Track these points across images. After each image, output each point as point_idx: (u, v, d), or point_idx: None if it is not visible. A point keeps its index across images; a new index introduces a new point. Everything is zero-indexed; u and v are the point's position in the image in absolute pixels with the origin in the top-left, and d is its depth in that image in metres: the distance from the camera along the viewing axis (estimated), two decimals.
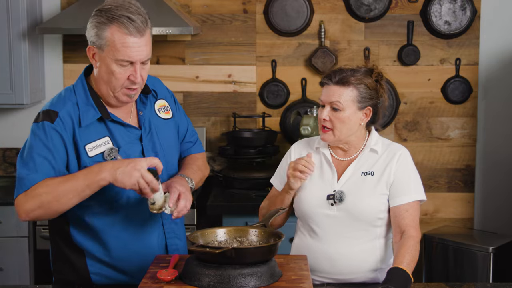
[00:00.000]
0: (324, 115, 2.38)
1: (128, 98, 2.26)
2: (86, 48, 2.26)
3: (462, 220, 4.33)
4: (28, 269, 3.81)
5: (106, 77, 2.22)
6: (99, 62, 2.23)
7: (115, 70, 2.19)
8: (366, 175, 2.41)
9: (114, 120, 2.28)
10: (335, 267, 2.40)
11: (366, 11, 4.19)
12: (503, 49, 4.23)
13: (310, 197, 2.43)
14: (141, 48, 2.18)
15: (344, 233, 2.40)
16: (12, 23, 3.95)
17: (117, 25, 2.16)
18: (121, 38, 2.16)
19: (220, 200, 3.82)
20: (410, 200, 2.39)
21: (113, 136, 2.28)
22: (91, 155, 2.24)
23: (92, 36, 2.22)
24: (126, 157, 2.26)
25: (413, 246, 2.29)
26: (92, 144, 2.25)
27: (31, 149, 2.21)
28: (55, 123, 2.21)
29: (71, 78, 4.29)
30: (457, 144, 4.29)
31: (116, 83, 2.21)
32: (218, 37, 4.26)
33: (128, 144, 2.30)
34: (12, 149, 4.29)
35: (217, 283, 1.94)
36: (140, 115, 2.36)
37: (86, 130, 2.25)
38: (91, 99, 2.26)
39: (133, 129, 2.33)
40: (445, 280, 4.03)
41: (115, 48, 2.16)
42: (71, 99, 2.26)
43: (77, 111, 2.25)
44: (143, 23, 2.18)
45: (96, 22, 2.20)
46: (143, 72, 2.22)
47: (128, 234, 2.33)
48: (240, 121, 4.28)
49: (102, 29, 2.18)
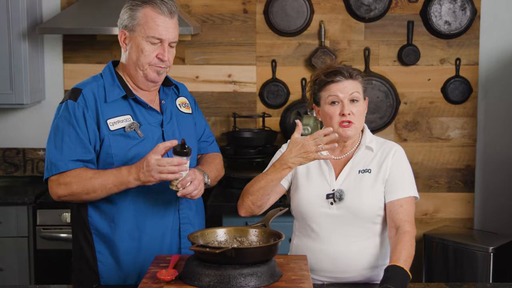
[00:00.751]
0: (347, 110, 2.39)
1: (156, 76, 2.37)
2: (118, 34, 2.40)
3: (462, 220, 4.33)
4: (28, 269, 3.81)
5: (135, 56, 2.35)
6: (129, 43, 2.36)
7: (145, 48, 2.33)
8: (363, 172, 2.42)
9: (137, 100, 2.40)
10: (335, 265, 2.40)
11: (366, 11, 4.19)
12: (503, 49, 4.23)
13: (309, 196, 2.44)
14: (171, 29, 2.35)
15: (344, 232, 2.40)
16: (12, 23, 3.95)
17: (151, 5, 2.33)
18: (154, 17, 2.33)
19: (220, 200, 3.82)
20: (405, 195, 2.39)
21: (135, 115, 2.39)
22: (112, 129, 2.35)
23: (126, 19, 2.37)
24: (145, 136, 2.38)
25: (408, 242, 2.29)
26: (114, 119, 2.36)
27: (58, 130, 2.34)
28: (78, 100, 2.34)
29: (71, 78, 4.29)
30: (457, 144, 4.29)
31: (144, 60, 2.34)
32: (218, 37, 4.26)
33: (149, 125, 2.40)
34: (12, 149, 4.29)
35: (217, 283, 1.94)
36: (163, 103, 2.48)
37: (110, 106, 2.37)
38: (117, 81, 2.40)
39: (155, 113, 2.44)
40: (445, 280, 4.03)
41: (147, 25, 2.32)
42: (97, 81, 2.41)
43: (102, 90, 2.38)
44: (174, 7, 2.37)
45: (131, 6, 2.36)
46: (170, 55, 2.37)
47: (143, 215, 2.39)
48: (240, 121, 4.28)
49: (136, 10, 2.34)
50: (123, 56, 2.42)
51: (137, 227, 2.39)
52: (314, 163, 2.48)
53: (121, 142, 2.35)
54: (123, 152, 2.35)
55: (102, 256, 2.40)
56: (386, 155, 2.44)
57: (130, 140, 2.36)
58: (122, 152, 2.35)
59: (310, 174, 2.47)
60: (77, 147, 2.31)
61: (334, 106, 2.41)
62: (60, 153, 2.31)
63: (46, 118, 4.31)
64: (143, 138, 2.37)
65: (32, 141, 4.31)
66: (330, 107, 2.41)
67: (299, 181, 2.48)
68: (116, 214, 2.37)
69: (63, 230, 3.75)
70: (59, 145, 2.32)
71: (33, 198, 3.79)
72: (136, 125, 2.37)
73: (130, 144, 2.35)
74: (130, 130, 2.36)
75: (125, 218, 2.38)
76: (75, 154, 2.31)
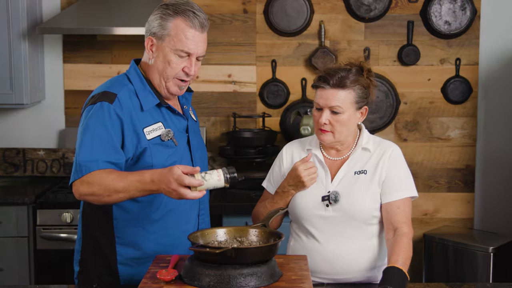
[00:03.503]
0: (324, 119, 2.36)
1: (178, 90, 2.36)
2: (145, 40, 2.34)
3: (462, 220, 4.33)
4: (28, 269, 3.81)
5: (161, 66, 2.31)
6: (156, 52, 2.31)
7: (172, 60, 2.29)
8: (359, 174, 2.41)
9: (168, 106, 2.38)
10: (333, 267, 2.40)
11: (366, 11, 4.19)
12: (503, 49, 4.23)
13: (304, 199, 2.43)
14: (200, 43, 2.31)
15: (341, 233, 2.40)
16: (12, 23, 3.95)
17: (183, 17, 2.28)
18: (184, 29, 2.27)
19: (220, 200, 3.82)
20: (402, 196, 2.38)
21: (166, 121, 2.36)
22: (149, 138, 2.30)
23: (155, 26, 2.30)
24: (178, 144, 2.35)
25: (406, 244, 2.29)
26: (149, 127, 2.31)
27: (88, 130, 2.24)
28: (114, 104, 2.26)
29: (71, 78, 4.29)
30: (457, 144, 4.29)
31: (170, 72, 2.31)
32: (218, 37, 4.26)
33: (177, 132, 2.39)
34: (12, 149, 4.29)
35: (217, 283, 1.94)
36: (185, 109, 2.47)
37: (143, 115, 2.32)
38: (148, 85, 2.35)
39: (182, 118, 2.43)
40: (445, 280, 4.03)
41: (177, 38, 2.27)
42: (126, 84, 2.34)
43: (134, 97, 2.32)
44: (206, 20, 2.32)
45: (162, 14, 2.30)
46: (196, 67, 2.34)
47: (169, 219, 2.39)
48: (240, 121, 4.28)
49: (167, 20, 2.28)
50: (150, 61, 2.36)
51: (163, 231, 2.37)
52: None
53: (161, 151, 2.32)
54: (162, 161, 2.31)
55: (122, 258, 2.37)
56: (382, 155, 2.42)
57: (168, 149, 2.34)
58: (161, 162, 2.31)
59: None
60: (108, 149, 2.22)
61: (318, 111, 2.40)
62: (89, 154, 2.20)
63: (46, 118, 4.32)
64: (177, 146, 2.36)
65: (32, 141, 4.31)
66: (315, 111, 2.42)
67: None
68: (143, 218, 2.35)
69: (63, 230, 3.75)
70: (88, 145, 2.22)
71: (33, 198, 3.79)
72: (171, 134, 2.34)
73: (168, 153, 2.33)
74: (167, 139, 2.33)
75: (151, 222, 2.36)
76: (106, 155, 2.21)
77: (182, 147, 2.39)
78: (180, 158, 2.36)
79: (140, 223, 2.35)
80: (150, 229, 2.36)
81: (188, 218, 2.43)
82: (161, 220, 2.37)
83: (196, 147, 2.46)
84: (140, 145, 2.29)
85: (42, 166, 4.28)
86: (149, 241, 2.37)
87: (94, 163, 2.19)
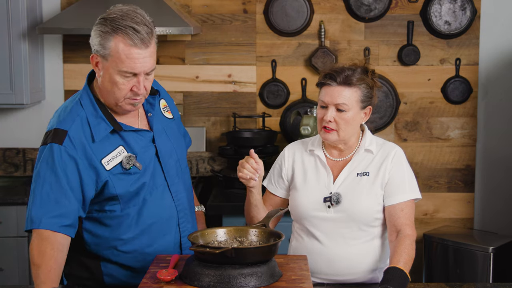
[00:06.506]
0: (329, 117, 2.36)
1: (132, 107, 2.22)
2: (90, 56, 2.20)
3: (462, 220, 4.33)
4: (28, 269, 3.81)
5: (109, 87, 2.17)
6: (102, 71, 2.17)
7: (119, 81, 2.14)
8: (362, 175, 2.41)
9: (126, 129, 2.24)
10: (334, 268, 2.40)
11: (366, 11, 4.19)
12: (503, 49, 4.23)
13: (306, 200, 2.43)
14: (145, 60, 2.13)
15: (342, 235, 2.39)
16: (12, 23, 3.95)
17: (122, 35, 2.10)
18: (125, 50, 2.11)
19: (220, 200, 3.82)
20: (405, 199, 2.38)
21: (127, 144, 2.23)
22: (109, 168, 2.19)
23: (96, 44, 2.16)
24: (142, 162, 2.24)
25: (409, 245, 2.29)
26: (107, 157, 2.19)
27: (40, 180, 2.14)
28: (64, 143, 2.14)
29: (71, 78, 4.29)
30: (457, 144, 4.29)
31: (119, 94, 2.16)
32: (218, 37, 4.26)
33: (142, 148, 2.26)
34: (12, 149, 4.29)
35: (217, 283, 1.94)
36: (150, 116, 2.33)
37: (99, 144, 2.19)
38: (100, 111, 2.21)
39: (145, 132, 2.29)
40: (445, 280, 4.03)
41: (119, 59, 2.11)
42: (79, 114, 2.20)
43: (87, 127, 2.19)
44: (148, 34, 2.13)
45: (101, 31, 2.14)
46: (146, 83, 2.18)
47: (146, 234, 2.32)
48: (240, 121, 4.28)
49: (106, 39, 2.13)
50: (98, 79, 2.21)
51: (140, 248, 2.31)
52: (310, 166, 2.47)
53: (123, 180, 2.22)
54: (126, 189, 2.22)
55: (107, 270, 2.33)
56: (385, 158, 2.42)
57: (131, 176, 2.22)
58: (125, 190, 2.22)
59: (307, 177, 2.46)
60: (59, 199, 2.11)
61: (322, 109, 2.40)
62: (38, 207, 2.11)
63: (46, 118, 4.31)
64: (144, 167, 2.25)
65: (32, 141, 4.31)
66: (319, 109, 2.41)
67: (297, 184, 2.48)
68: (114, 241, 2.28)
69: None
70: (37, 195, 2.11)
71: None
72: (133, 158, 2.21)
73: (132, 179, 2.23)
74: (129, 167, 2.21)
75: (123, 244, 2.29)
76: (54, 208, 2.10)
77: (151, 164, 2.27)
78: (148, 178, 2.26)
79: (112, 246, 2.29)
80: (125, 249, 2.30)
81: (166, 231, 2.34)
82: (135, 239, 2.29)
83: (168, 154, 2.34)
84: (100, 179, 2.18)
85: None
86: (129, 260, 2.31)
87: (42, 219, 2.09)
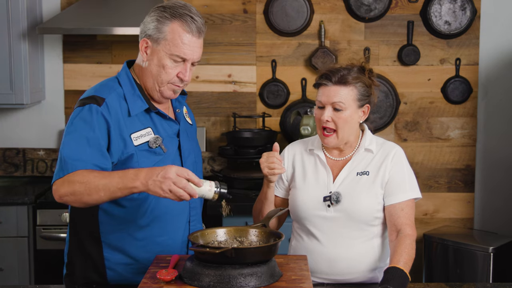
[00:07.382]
0: (326, 116, 2.36)
1: (172, 94, 2.31)
2: (140, 41, 2.28)
3: (462, 220, 4.33)
4: (28, 269, 3.81)
5: (155, 70, 2.26)
6: (151, 55, 2.26)
7: (167, 65, 2.24)
8: (362, 175, 2.41)
9: (158, 112, 2.32)
10: (334, 268, 2.39)
11: (366, 11, 4.19)
12: (503, 49, 4.23)
13: (306, 199, 2.43)
14: (196, 49, 2.25)
15: (342, 234, 2.39)
16: (12, 23, 3.95)
17: (180, 21, 2.22)
18: (181, 34, 2.22)
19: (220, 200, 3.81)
20: (406, 198, 2.38)
21: (155, 127, 2.31)
22: (136, 144, 2.25)
23: (151, 29, 2.25)
24: (167, 150, 2.31)
25: (409, 245, 2.29)
26: (137, 133, 2.27)
27: (75, 132, 2.19)
28: (102, 107, 2.21)
29: (71, 78, 4.29)
30: (457, 144, 4.30)
31: (165, 77, 2.26)
32: (218, 37, 4.26)
33: (168, 137, 2.34)
34: (12, 149, 4.29)
35: (217, 283, 1.94)
36: (178, 112, 2.42)
37: (131, 120, 2.27)
38: (137, 90, 2.30)
39: (173, 123, 2.37)
40: (445, 280, 4.03)
41: (173, 42, 2.22)
42: (116, 89, 2.28)
43: (123, 101, 2.27)
44: (203, 26, 2.26)
45: (158, 17, 2.24)
46: (190, 73, 2.28)
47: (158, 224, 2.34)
48: (240, 121, 4.28)
49: (163, 23, 2.23)
50: (144, 63, 2.30)
51: (151, 239, 2.33)
52: (310, 165, 2.48)
53: (148, 158, 2.27)
54: (148, 166, 2.22)
55: (110, 263, 2.34)
56: (385, 157, 2.42)
57: (155, 156, 2.28)
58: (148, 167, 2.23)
59: (307, 176, 2.46)
60: (95, 152, 2.17)
61: (320, 110, 2.40)
62: (76, 153, 2.15)
63: (46, 118, 4.32)
64: (167, 152, 2.31)
65: (32, 141, 4.31)
66: (317, 110, 2.42)
67: (296, 183, 2.48)
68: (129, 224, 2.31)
69: (63, 230, 3.75)
70: (74, 145, 2.16)
71: (33, 198, 3.79)
72: (160, 140, 2.29)
73: (155, 159, 2.28)
74: (156, 146, 2.28)
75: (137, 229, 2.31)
76: (93, 158, 2.16)
77: (173, 153, 2.34)
78: (168, 164, 2.27)
79: (126, 229, 2.31)
80: (137, 236, 2.32)
81: (177, 225, 2.38)
82: (147, 227, 2.32)
83: (188, 152, 2.41)
84: (127, 151, 2.24)
85: (42, 166, 4.28)
86: (137, 248, 2.33)
87: (81, 163, 2.14)
